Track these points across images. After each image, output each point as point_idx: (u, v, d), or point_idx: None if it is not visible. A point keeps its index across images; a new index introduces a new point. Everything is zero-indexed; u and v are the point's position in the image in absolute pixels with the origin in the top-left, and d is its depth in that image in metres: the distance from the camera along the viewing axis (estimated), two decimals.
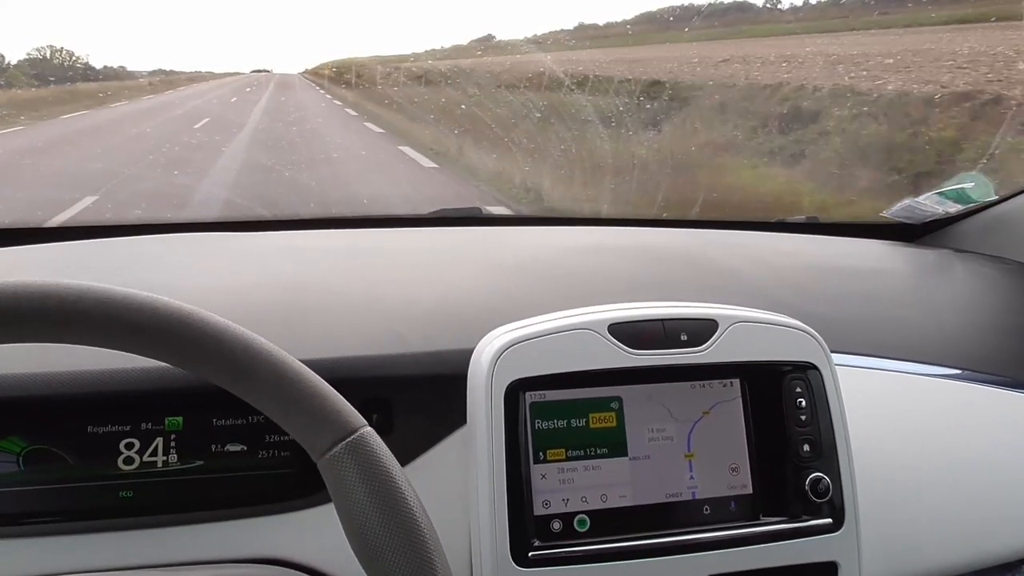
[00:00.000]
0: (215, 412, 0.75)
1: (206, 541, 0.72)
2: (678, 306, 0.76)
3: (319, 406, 0.52)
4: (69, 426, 0.72)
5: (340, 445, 0.51)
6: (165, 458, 0.73)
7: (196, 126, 8.27)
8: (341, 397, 0.53)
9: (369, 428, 0.53)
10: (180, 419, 0.74)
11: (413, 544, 0.49)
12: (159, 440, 0.73)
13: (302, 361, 0.55)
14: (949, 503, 0.89)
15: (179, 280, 0.94)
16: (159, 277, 0.95)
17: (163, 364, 0.53)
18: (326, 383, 0.53)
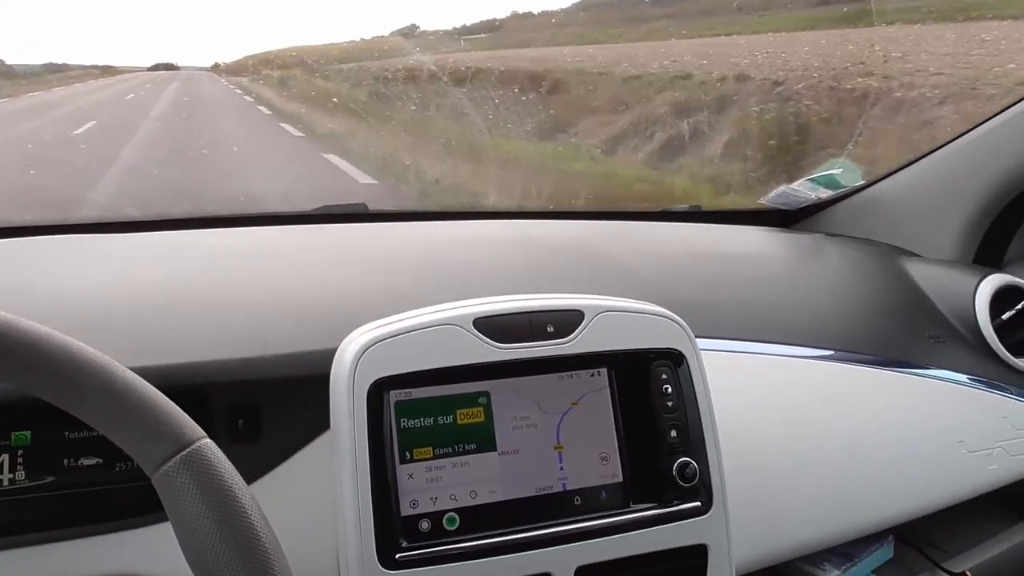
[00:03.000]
0: (67, 425, 0.71)
1: (60, 560, 0.68)
2: (544, 298, 0.76)
3: (151, 417, 0.49)
4: None
5: (175, 459, 0.49)
6: (11, 475, 0.69)
7: None
8: (177, 408, 0.51)
9: (207, 440, 0.50)
10: (28, 434, 0.70)
11: (253, 560, 0.47)
12: (5, 456, 0.69)
13: (160, 366, 0.52)
14: (820, 479, 0.92)
15: (30, 284, 0.88)
16: (7, 281, 0.90)
17: None
18: (160, 393, 0.51)
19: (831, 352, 1.03)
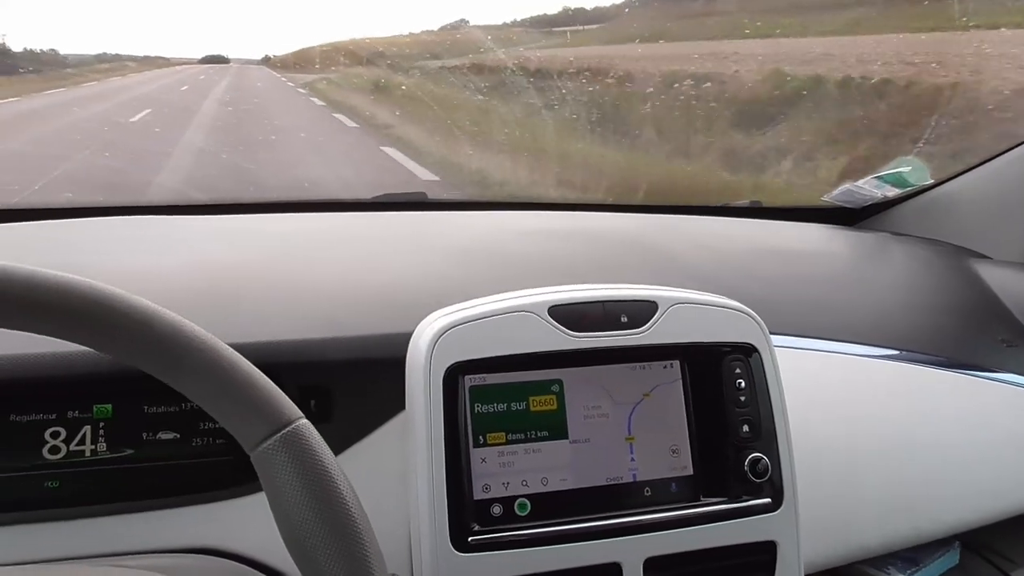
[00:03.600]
0: (146, 399, 0.73)
1: (137, 531, 0.70)
2: (618, 288, 0.76)
3: (253, 396, 0.50)
4: None
5: (274, 437, 0.49)
6: (94, 447, 0.71)
7: None
8: (276, 387, 0.51)
9: (305, 420, 0.51)
10: (109, 407, 0.72)
11: (348, 541, 0.48)
12: (87, 428, 0.71)
13: (235, 345, 0.53)
14: (886, 482, 0.90)
15: (109, 264, 0.91)
16: (88, 260, 0.92)
17: (89, 348, 0.51)
18: (260, 372, 0.52)
19: (897, 352, 1.02)
